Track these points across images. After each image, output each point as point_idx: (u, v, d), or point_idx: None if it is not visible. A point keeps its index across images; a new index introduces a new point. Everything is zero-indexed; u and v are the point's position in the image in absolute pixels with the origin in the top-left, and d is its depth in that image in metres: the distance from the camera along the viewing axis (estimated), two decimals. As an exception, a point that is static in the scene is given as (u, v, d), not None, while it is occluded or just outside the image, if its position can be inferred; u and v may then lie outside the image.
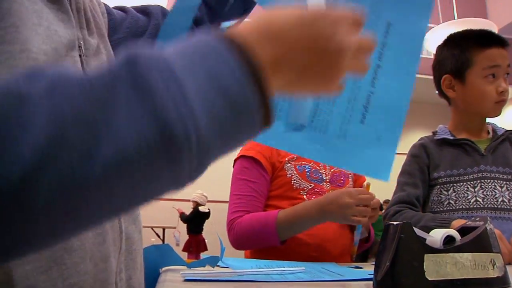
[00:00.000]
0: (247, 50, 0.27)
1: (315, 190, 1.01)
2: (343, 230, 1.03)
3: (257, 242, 0.98)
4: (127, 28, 0.71)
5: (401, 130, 0.54)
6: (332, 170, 1.08)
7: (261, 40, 0.29)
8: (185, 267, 0.76)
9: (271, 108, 0.27)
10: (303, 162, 1.04)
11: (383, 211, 1.15)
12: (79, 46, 0.48)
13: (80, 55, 0.48)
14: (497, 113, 1.17)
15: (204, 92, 0.25)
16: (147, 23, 0.74)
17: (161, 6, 0.78)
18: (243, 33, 0.29)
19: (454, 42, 1.22)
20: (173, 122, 0.23)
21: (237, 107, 0.26)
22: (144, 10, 0.76)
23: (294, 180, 1.01)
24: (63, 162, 0.21)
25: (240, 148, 1.07)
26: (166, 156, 0.23)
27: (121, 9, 0.73)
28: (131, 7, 0.75)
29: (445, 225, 0.99)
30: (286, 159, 1.03)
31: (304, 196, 1.00)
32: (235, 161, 1.08)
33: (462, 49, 1.18)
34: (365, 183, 1.00)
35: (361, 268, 0.83)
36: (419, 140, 1.27)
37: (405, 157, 1.26)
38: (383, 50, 0.55)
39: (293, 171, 1.01)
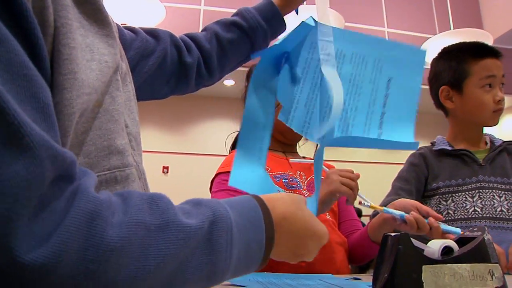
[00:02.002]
0: (274, 235, 0.42)
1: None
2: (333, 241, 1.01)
3: None
4: (136, 49, 0.73)
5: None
6: (308, 178, 1.07)
7: (284, 232, 0.44)
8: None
9: (267, 261, 0.43)
10: (279, 172, 1.04)
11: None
12: (117, 68, 0.50)
13: (120, 76, 0.50)
14: (495, 122, 1.18)
15: (239, 258, 0.39)
16: (156, 46, 0.76)
17: (170, 32, 0.80)
18: (277, 219, 0.44)
19: (450, 54, 1.23)
20: (220, 271, 0.38)
21: (251, 264, 0.42)
22: (153, 33, 0.78)
23: None
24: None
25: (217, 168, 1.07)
26: (208, 284, 0.38)
27: (131, 29, 0.75)
28: (139, 27, 0.77)
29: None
30: None
31: None
32: (212, 181, 1.06)
33: (458, 61, 1.19)
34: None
35: (359, 279, 0.83)
36: (418, 149, 1.27)
37: (402, 166, 1.27)
38: (386, 100, 0.67)
39: None
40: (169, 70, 0.79)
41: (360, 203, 0.90)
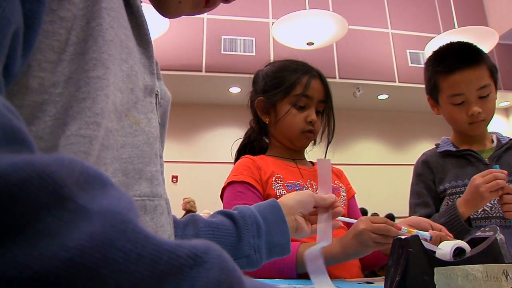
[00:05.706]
0: None
1: None
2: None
3: (274, 272, 0.93)
4: None
5: None
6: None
7: None
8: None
9: None
10: (291, 181, 1.04)
11: None
12: (156, 94, 0.49)
13: (156, 102, 0.49)
14: (475, 132, 1.17)
15: None
16: None
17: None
18: None
19: (428, 64, 1.22)
20: None
21: None
22: None
23: None
24: None
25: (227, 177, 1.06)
26: None
27: None
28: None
29: (454, 213, 1.02)
30: (273, 178, 1.02)
31: None
32: (223, 189, 1.05)
33: (431, 74, 1.20)
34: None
35: (372, 283, 0.82)
36: (421, 156, 1.27)
37: (413, 167, 1.27)
38: None
39: (283, 190, 1.00)
40: None
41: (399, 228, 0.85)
